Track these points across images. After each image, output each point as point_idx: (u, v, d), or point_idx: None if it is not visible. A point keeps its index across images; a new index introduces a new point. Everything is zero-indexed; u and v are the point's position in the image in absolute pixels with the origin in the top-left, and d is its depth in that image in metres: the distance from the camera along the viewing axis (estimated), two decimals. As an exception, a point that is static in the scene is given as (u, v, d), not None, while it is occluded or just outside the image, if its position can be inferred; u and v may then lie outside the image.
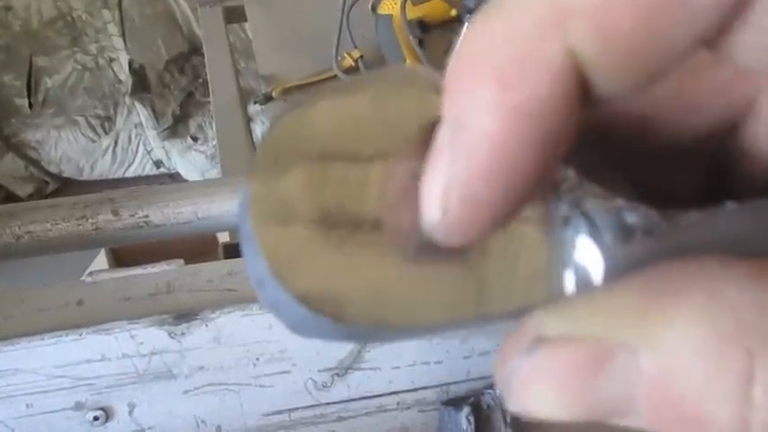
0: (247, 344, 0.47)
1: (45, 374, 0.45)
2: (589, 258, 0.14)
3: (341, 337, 0.14)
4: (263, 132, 0.14)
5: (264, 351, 0.48)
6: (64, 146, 1.93)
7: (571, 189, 0.14)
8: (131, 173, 2.03)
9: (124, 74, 1.92)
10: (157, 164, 2.03)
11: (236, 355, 0.47)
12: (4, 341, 0.44)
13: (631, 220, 0.14)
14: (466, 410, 0.51)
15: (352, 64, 0.88)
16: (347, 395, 0.51)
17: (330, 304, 0.14)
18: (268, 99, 0.89)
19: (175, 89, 1.90)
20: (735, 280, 0.12)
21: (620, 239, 0.14)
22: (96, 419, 0.47)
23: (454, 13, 0.86)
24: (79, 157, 1.96)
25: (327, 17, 0.90)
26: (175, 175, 2.04)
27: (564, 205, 0.14)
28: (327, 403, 0.51)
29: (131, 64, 1.90)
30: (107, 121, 1.94)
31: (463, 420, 0.51)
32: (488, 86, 0.12)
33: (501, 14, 0.12)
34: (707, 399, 0.12)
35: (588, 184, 0.14)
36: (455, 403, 0.52)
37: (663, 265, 0.13)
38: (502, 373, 0.14)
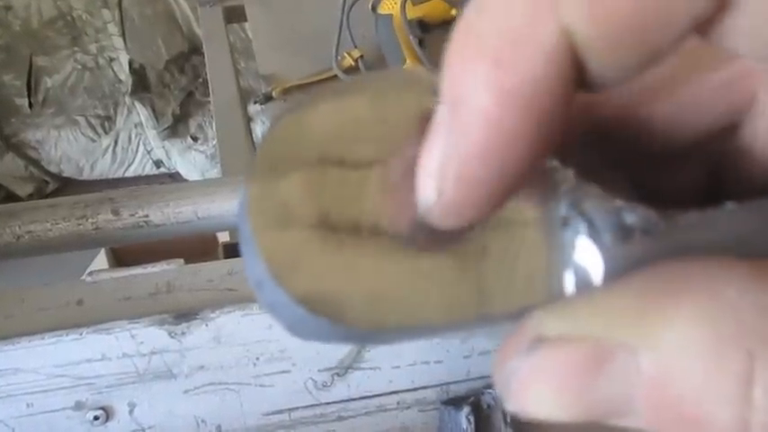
0: (247, 343, 0.47)
1: (45, 374, 0.45)
2: (589, 259, 0.14)
3: (339, 339, 0.14)
4: (262, 134, 0.14)
5: (264, 351, 0.48)
6: (64, 145, 1.93)
7: (570, 190, 0.14)
8: (131, 172, 2.03)
9: (124, 73, 1.92)
10: (157, 164, 2.03)
11: (237, 355, 0.47)
12: (4, 340, 0.44)
13: (630, 220, 0.14)
14: (466, 410, 0.51)
15: (353, 64, 0.88)
16: (347, 395, 0.51)
17: (329, 306, 0.14)
18: (268, 99, 0.89)
19: (175, 89, 1.90)
20: (735, 281, 0.12)
21: (620, 240, 0.14)
22: (96, 419, 0.47)
23: (454, 12, 0.86)
24: (79, 156, 1.96)
25: (327, 17, 0.90)
26: (175, 175, 2.04)
27: (563, 206, 0.14)
28: (327, 403, 0.51)
29: (131, 64, 1.90)
30: (107, 121, 1.94)
31: (463, 420, 0.51)
32: (484, 65, 0.12)
33: None
34: (706, 400, 0.11)
35: (587, 184, 0.14)
36: (455, 403, 0.52)
37: (662, 265, 0.13)
38: (501, 373, 0.14)
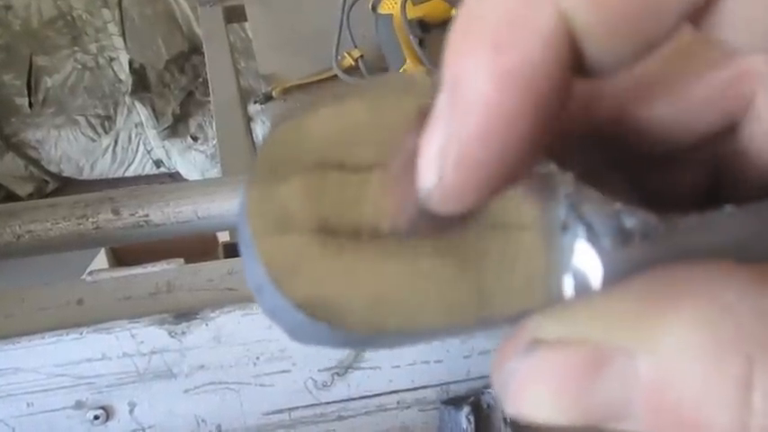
0: (247, 343, 0.47)
1: (45, 373, 0.45)
2: (588, 263, 0.14)
3: (339, 344, 0.14)
4: (263, 136, 0.14)
5: (265, 350, 0.48)
6: (64, 145, 1.93)
7: (569, 193, 0.14)
8: (131, 172, 2.03)
9: (124, 73, 1.92)
10: (157, 163, 2.03)
11: (237, 355, 0.47)
12: (4, 340, 0.44)
13: (630, 224, 0.14)
14: (466, 410, 0.51)
15: (353, 63, 0.88)
16: (347, 394, 0.51)
17: (328, 310, 0.14)
18: (268, 98, 0.89)
19: (175, 88, 1.90)
20: (735, 285, 0.12)
21: (619, 244, 0.14)
22: (97, 418, 0.47)
23: (454, 12, 0.86)
24: (79, 156, 1.96)
25: (327, 17, 0.90)
26: (175, 175, 2.04)
27: (562, 210, 0.14)
28: (327, 402, 0.51)
29: (131, 63, 1.90)
30: (107, 121, 1.94)
31: (463, 420, 0.51)
32: (483, 48, 0.12)
33: None
34: (705, 404, 0.11)
35: (586, 188, 0.14)
36: (455, 402, 0.52)
37: (662, 269, 0.13)
38: (499, 375, 0.14)
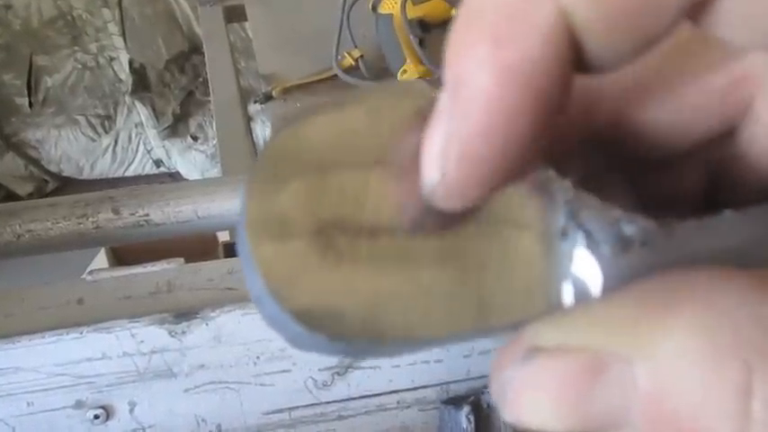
0: (248, 342, 0.47)
1: (46, 373, 0.45)
2: (587, 270, 0.14)
3: (339, 353, 0.14)
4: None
5: (265, 350, 0.48)
6: (64, 145, 1.93)
7: (568, 200, 0.14)
8: (131, 172, 2.03)
9: (124, 73, 1.92)
10: (157, 163, 2.03)
11: (237, 354, 0.47)
12: (4, 339, 0.44)
13: (629, 231, 0.14)
14: (466, 409, 0.51)
15: (353, 63, 0.88)
16: (347, 394, 0.51)
17: (327, 322, 0.14)
18: (268, 98, 0.89)
19: (175, 88, 1.90)
20: (733, 291, 0.12)
21: (618, 251, 0.14)
22: (97, 418, 0.47)
23: (455, 12, 0.86)
24: (79, 156, 1.96)
25: (328, 16, 0.90)
26: (175, 175, 2.04)
27: (561, 217, 0.14)
28: (327, 402, 0.51)
29: (131, 63, 1.90)
30: (107, 121, 1.94)
31: (463, 419, 0.51)
32: (484, 44, 0.12)
33: None
34: (704, 412, 0.11)
35: (585, 194, 0.14)
36: (455, 402, 0.52)
37: (661, 275, 0.13)
38: (497, 382, 0.14)
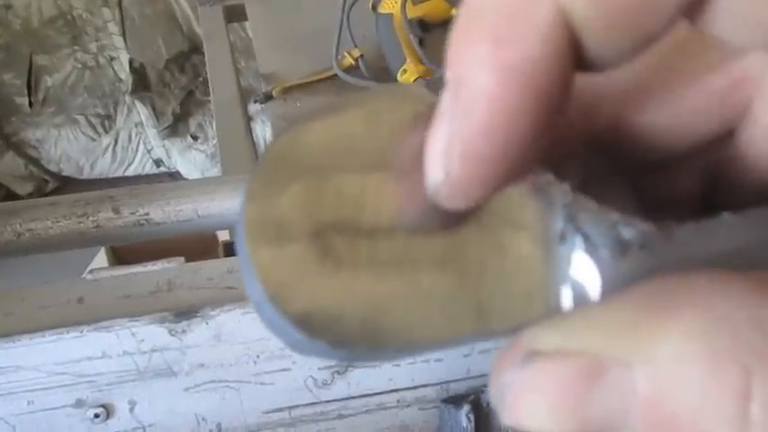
0: (248, 341, 0.47)
1: (46, 371, 0.45)
2: (585, 274, 0.14)
3: (340, 358, 0.14)
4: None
5: (265, 349, 0.48)
6: (64, 144, 1.93)
7: (567, 204, 0.14)
8: (131, 172, 2.03)
9: (124, 72, 1.92)
10: (157, 163, 2.03)
11: (237, 353, 0.48)
12: (5, 338, 0.44)
13: (627, 235, 0.14)
14: (466, 408, 0.51)
15: (353, 63, 0.88)
16: (347, 393, 0.51)
17: (327, 328, 0.14)
18: (268, 98, 0.89)
19: (176, 88, 1.90)
20: (732, 294, 0.12)
21: (617, 254, 0.14)
22: (97, 417, 0.47)
23: (455, 12, 0.86)
24: (79, 155, 1.96)
25: (328, 16, 0.90)
26: (175, 174, 2.04)
27: (560, 220, 0.14)
28: (327, 401, 0.51)
29: (132, 63, 1.90)
30: (107, 120, 1.94)
31: (463, 418, 0.51)
32: (484, 44, 0.12)
33: None
34: (703, 416, 0.11)
35: (584, 198, 0.14)
36: (455, 401, 0.52)
37: (659, 279, 0.13)
38: (496, 385, 0.14)
